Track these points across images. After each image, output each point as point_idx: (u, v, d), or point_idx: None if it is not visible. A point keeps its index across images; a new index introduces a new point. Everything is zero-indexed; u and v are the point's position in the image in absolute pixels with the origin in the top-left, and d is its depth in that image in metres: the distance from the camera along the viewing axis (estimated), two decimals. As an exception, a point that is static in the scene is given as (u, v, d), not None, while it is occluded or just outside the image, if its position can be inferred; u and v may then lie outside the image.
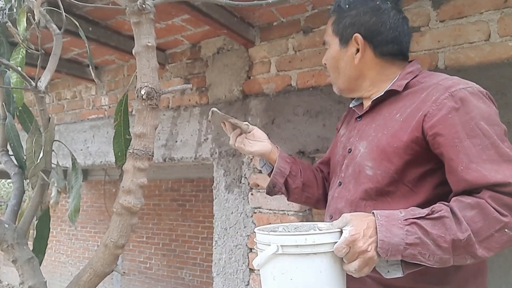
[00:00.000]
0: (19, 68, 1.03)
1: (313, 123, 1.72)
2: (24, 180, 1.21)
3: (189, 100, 2.16)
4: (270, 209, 1.80)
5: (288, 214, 1.75)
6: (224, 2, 0.92)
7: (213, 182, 1.99)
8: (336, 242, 0.76)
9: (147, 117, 0.88)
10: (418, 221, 0.76)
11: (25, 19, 1.15)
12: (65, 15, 1.03)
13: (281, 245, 0.76)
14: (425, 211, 0.77)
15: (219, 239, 1.93)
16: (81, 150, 2.59)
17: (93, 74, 1.14)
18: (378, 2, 0.98)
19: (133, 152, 0.88)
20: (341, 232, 0.77)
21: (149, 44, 0.86)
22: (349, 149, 1.02)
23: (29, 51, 1.04)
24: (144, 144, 0.88)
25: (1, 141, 1.25)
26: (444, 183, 0.86)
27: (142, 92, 0.85)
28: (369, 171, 0.92)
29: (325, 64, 1.09)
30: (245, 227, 1.85)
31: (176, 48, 2.22)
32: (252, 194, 1.85)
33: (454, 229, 0.74)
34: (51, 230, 1.20)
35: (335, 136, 1.22)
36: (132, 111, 2.25)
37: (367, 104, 1.04)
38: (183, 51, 2.21)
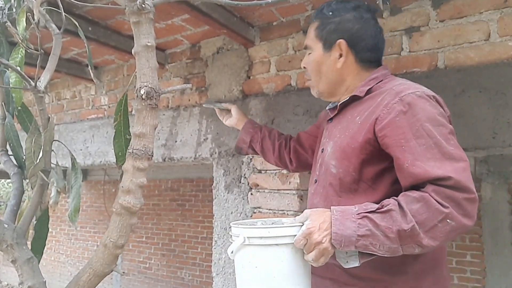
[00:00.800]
0: (19, 68, 1.03)
1: (313, 123, 1.71)
2: (23, 180, 1.21)
3: (189, 100, 2.16)
4: (269, 209, 1.80)
5: (287, 214, 1.74)
6: (224, 2, 0.91)
7: (213, 182, 1.99)
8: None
9: (147, 116, 0.88)
10: (369, 214, 0.84)
11: (24, 19, 1.15)
12: (65, 15, 1.03)
13: (247, 237, 0.87)
14: (376, 205, 0.86)
15: (219, 239, 1.93)
16: (81, 150, 2.59)
17: (92, 74, 1.14)
18: (360, 11, 1.06)
19: (132, 152, 0.88)
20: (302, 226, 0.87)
21: (149, 44, 0.86)
22: (322, 149, 1.12)
23: (28, 50, 1.04)
24: (144, 144, 0.88)
25: (0, 141, 1.25)
26: (398, 181, 0.94)
27: (142, 91, 0.85)
28: (333, 169, 1.01)
29: (304, 67, 1.17)
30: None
31: (175, 48, 2.22)
32: (251, 194, 1.85)
33: (400, 220, 0.81)
34: (50, 230, 1.20)
35: (315, 123, 1.42)
36: (131, 111, 2.25)
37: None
38: (183, 51, 2.21)
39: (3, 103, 1.24)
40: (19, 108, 1.23)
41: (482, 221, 3.38)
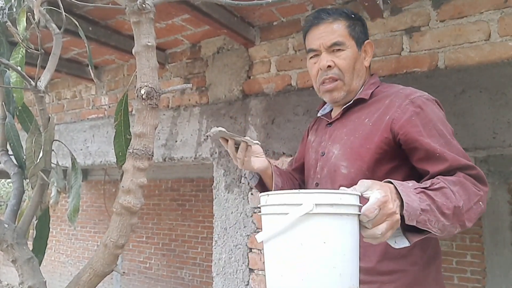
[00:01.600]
0: (19, 68, 1.03)
1: (313, 123, 1.72)
2: (23, 180, 1.21)
3: (189, 100, 2.16)
4: (270, 209, 1.79)
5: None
6: (224, 1, 0.91)
7: (213, 182, 1.99)
8: (360, 206, 0.74)
9: (147, 116, 0.88)
10: (426, 190, 0.82)
11: (24, 19, 1.15)
12: (65, 15, 1.03)
13: (315, 204, 0.69)
14: (426, 184, 0.84)
15: (219, 239, 1.93)
16: (81, 150, 2.59)
17: (92, 73, 1.14)
18: (363, 20, 1.16)
19: (132, 152, 0.88)
20: (360, 197, 0.76)
21: (149, 44, 0.86)
22: (322, 152, 1.12)
23: (29, 50, 1.04)
24: (144, 143, 0.88)
25: (0, 141, 1.25)
26: (409, 178, 0.94)
27: (142, 91, 0.85)
28: (344, 170, 1.03)
29: (329, 66, 1.10)
30: (245, 227, 1.85)
31: (176, 47, 2.22)
32: (252, 194, 1.85)
33: (453, 197, 0.83)
34: (50, 230, 1.20)
35: (301, 144, 1.33)
36: (132, 111, 2.25)
37: (337, 111, 1.17)
38: (183, 50, 2.21)
39: (3, 103, 1.24)
40: (20, 108, 1.23)
41: (482, 221, 3.38)
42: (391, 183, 0.80)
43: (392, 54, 1.58)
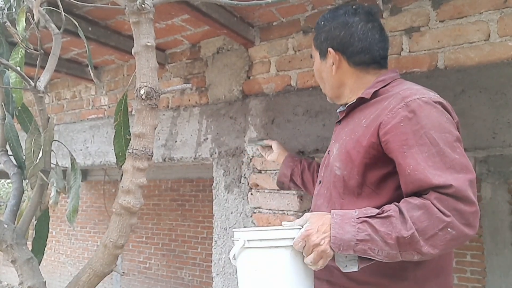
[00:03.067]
0: (18, 68, 1.03)
1: (313, 123, 1.71)
2: (23, 180, 1.21)
3: (189, 100, 2.16)
4: (269, 209, 1.80)
5: (287, 214, 1.74)
6: (224, 2, 0.91)
7: (213, 182, 1.99)
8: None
9: (147, 117, 0.88)
10: (369, 219, 0.84)
11: (24, 19, 1.15)
12: (65, 15, 1.03)
13: (247, 240, 0.88)
14: (376, 210, 0.86)
15: (219, 239, 1.93)
16: (81, 150, 2.59)
17: (92, 74, 1.14)
18: (346, 17, 1.08)
19: (132, 152, 0.88)
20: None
21: (149, 44, 0.86)
22: (329, 151, 1.13)
23: (28, 50, 1.04)
24: (144, 144, 0.88)
25: (0, 141, 1.25)
26: (400, 187, 0.93)
27: (142, 92, 0.85)
28: (337, 171, 1.01)
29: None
30: (244, 227, 1.85)
31: (175, 48, 2.22)
32: (251, 194, 1.85)
33: (399, 227, 0.81)
34: (50, 230, 1.20)
35: None
36: (131, 111, 2.25)
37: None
38: (183, 51, 2.21)
39: (3, 103, 1.24)
40: (19, 108, 1.23)
41: (482, 221, 3.38)
42: (331, 213, 0.87)
43: (391, 54, 1.58)
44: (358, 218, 0.84)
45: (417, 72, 1.52)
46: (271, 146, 1.63)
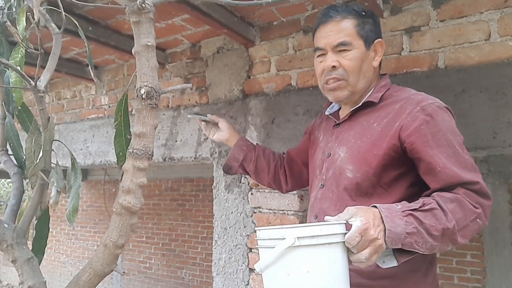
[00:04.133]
0: (19, 68, 1.03)
1: (313, 123, 1.72)
2: (23, 180, 1.21)
3: (189, 100, 2.16)
4: (270, 209, 1.80)
5: (288, 214, 1.74)
6: (224, 1, 0.91)
7: (213, 181, 1.99)
8: (345, 233, 0.79)
9: (147, 116, 0.88)
10: (414, 212, 0.85)
11: (24, 18, 1.15)
12: (65, 15, 1.03)
13: (297, 237, 0.76)
14: (416, 204, 0.87)
15: (219, 239, 1.93)
16: (81, 149, 2.59)
17: (92, 73, 1.14)
18: (374, 16, 1.11)
19: (132, 152, 0.88)
20: (346, 224, 0.82)
21: (149, 44, 0.86)
22: (328, 153, 1.12)
23: (28, 50, 1.04)
24: (144, 143, 0.88)
25: (0, 141, 1.25)
26: (414, 185, 0.99)
27: (142, 91, 0.85)
28: (349, 173, 1.02)
29: (334, 66, 1.08)
30: (245, 226, 1.85)
31: (176, 47, 2.22)
32: (252, 194, 1.85)
33: (444, 219, 0.84)
34: (50, 230, 1.20)
35: (304, 136, 1.41)
36: (132, 111, 2.25)
37: (345, 112, 1.15)
38: (183, 50, 2.21)
39: (3, 103, 1.24)
40: (19, 107, 1.23)
41: (482, 221, 3.38)
42: (377, 207, 0.85)
43: (392, 54, 1.58)
44: (403, 211, 0.85)
45: (417, 72, 1.52)
46: (217, 124, 1.47)
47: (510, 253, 3.23)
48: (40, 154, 1.06)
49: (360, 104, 1.09)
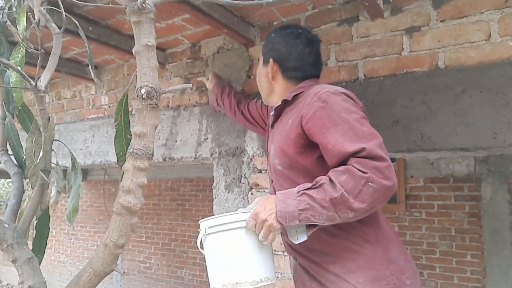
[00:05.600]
0: (19, 68, 1.03)
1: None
2: (23, 180, 1.21)
3: (189, 100, 2.16)
4: (270, 209, 1.79)
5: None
6: (224, 1, 0.91)
7: (213, 181, 1.99)
8: None
9: (147, 116, 0.88)
10: (307, 191, 0.98)
11: (25, 18, 1.15)
12: (65, 15, 1.03)
13: (208, 227, 1.01)
14: (311, 184, 1.00)
15: (219, 239, 1.93)
16: (81, 149, 2.59)
17: (92, 73, 1.14)
18: (290, 37, 1.26)
19: (133, 152, 0.88)
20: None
21: (149, 44, 0.86)
22: (268, 152, 1.29)
23: (29, 50, 1.04)
24: (144, 143, 0.88)
25: (0, 141, 1.25)
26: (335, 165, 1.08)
27: (142, 91, 0.85)
28: (278, 166, 1.17)
29: None
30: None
31: (176, 47, 2.22)
32: (252, 193, 1.85)
33: (330, 190, 0.95)
34: (50, 229, 1.20)
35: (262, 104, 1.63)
36: (132, 111, 2.25)
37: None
38: (183, 50, 2.21)
39: (3, 103, 1.24)
40: (20, 107, 1.23)
41: (482, 221, 3.38)
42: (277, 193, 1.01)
43: (392, 54, 1.58)
44: (298, 192, 0.98)
45: (417, 72, 1.52)
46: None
47: (510, 253, 3.23)
48: (40, 154, 1.06)
49: (280, 103, 1.22)
